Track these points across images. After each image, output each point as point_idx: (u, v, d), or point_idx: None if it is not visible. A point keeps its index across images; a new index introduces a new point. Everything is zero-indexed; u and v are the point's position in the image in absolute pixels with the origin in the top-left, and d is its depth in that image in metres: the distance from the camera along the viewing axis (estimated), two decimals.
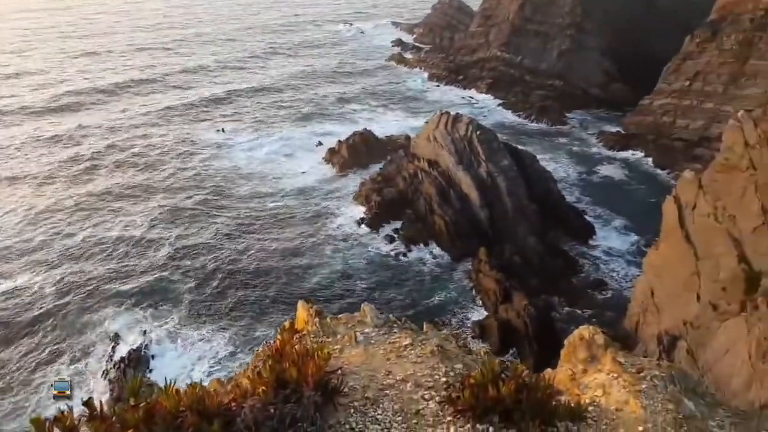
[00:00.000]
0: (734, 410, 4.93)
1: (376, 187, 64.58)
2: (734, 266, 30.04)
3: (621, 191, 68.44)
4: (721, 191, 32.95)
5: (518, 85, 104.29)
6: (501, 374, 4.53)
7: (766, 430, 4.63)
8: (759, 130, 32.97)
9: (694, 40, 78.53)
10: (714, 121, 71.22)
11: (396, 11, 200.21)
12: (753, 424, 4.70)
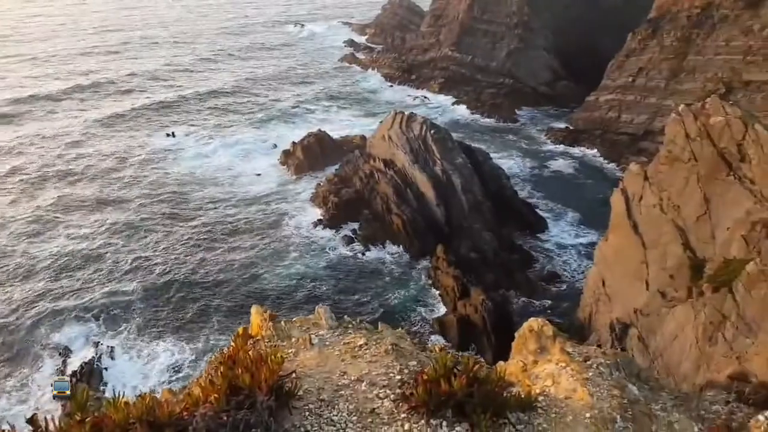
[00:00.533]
0: (676, 393, 5.15)
1: (332, 188, 64.36)
2: (680, 254, 31.30)
3: (571, 185, 70.34)
4: (665, 182, 34.27)
5: (470, 83, 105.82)
6: (453, 369, 4.59)
7: (704, 410, 4.86)
8: (699, 123, 34.43)
9: (636, 37, 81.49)
10: (657, 115, 74.04)
11: (346, 12, 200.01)
12: (693, 405, 4.91)
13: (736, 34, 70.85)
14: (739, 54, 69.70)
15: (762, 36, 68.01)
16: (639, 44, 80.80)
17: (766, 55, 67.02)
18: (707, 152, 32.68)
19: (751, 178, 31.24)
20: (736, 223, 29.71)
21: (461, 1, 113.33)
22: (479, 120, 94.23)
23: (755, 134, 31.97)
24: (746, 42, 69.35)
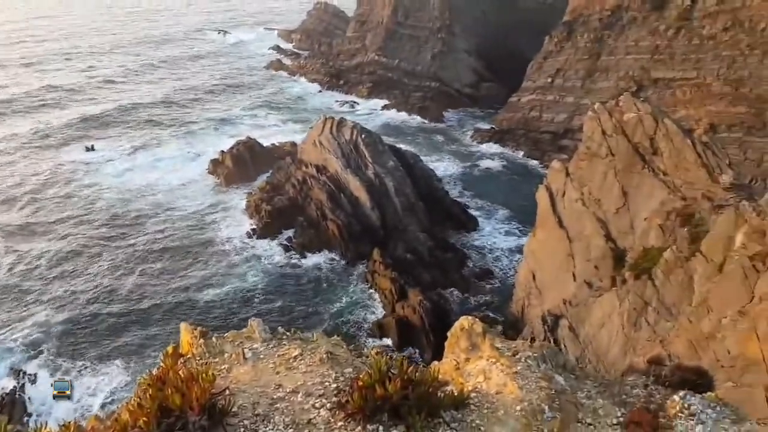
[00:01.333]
0: (600, 380, 5.42)
1: (265, 197, 63.30)
2: (602, 245, 32.91)
3: (499, 184, 72.50)
4: (585, 178, 35.96)
5: (397, 87, 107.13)
6: (388, 373, 4.63)
7: (626, 394, 5.14)
8: (613, 120, 36.38)
9: (552, 40, 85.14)
10: (575, 114, 77.63)
11: (270, 18, 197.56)
12: (615, 390, 5.19)
13: (644, 35, 75.45)
14: (647, 53, 74.22)
15: (667, 36, 72.75)
16: (555, 46, 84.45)
17: (672, 54, 71.73)
18: (623, 147, 34.57)
19: (663, 170, 33.31)
20: (652, 213, 31.58)
21: (385, 7, 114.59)
22: (408, 123, 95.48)
23: (665, 128, 34.13)
24: (653, 42, 73.96)
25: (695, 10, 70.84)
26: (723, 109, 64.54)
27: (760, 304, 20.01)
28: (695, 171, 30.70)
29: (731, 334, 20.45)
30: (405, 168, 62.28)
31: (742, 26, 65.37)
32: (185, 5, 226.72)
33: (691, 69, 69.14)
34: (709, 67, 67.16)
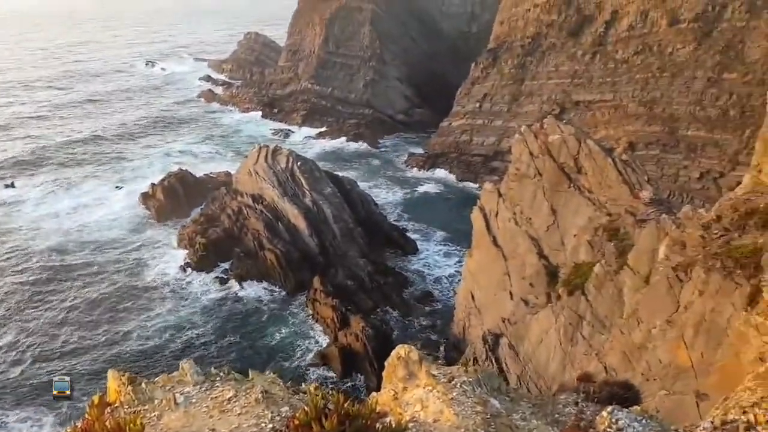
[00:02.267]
0: (534, 400, 5.53)
1: (199, 229, 61.54)
2: (536, 263, 33.93)
3: (436, 207, 73.74)
4: (516, 198, 37.13)
5: (331, 115, 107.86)
6: (325, 409, 4.53)
7: (558, 413, 5.26)
8: (539, 142, 37.90)
9: (479, 66, 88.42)
10: (504, 137, 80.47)
11: (200, 48, 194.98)
12: (548, 410, 5.30)
13: (563, 60, 79.56)
14: (567, 77, 78.24)
15: (585, 61, 77.03)
16: (482, 72, 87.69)
17: (589, 78, 75.91)
18: (549, 167, 36.00)
19: (588, 187, 34.89)
20: (580, 230, 32.91)
21: (316, 37, 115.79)
22: (343, 149, 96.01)
23: (588, 148, 35.86)
24: (572, 66, 78.10)
25: (608, 36, 75.51)
26: (639, 129, 68.69)
27: (685, 313, 21.11)
28: (617, 188, 32.32)
29: (661, 343, 21.42)
30: (342, 194, 62.35)
31: (652, 50, 70.16)
32: (112, 37, 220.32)
33: (608, 91, 73.35)
34: (624, 89, 71.49)
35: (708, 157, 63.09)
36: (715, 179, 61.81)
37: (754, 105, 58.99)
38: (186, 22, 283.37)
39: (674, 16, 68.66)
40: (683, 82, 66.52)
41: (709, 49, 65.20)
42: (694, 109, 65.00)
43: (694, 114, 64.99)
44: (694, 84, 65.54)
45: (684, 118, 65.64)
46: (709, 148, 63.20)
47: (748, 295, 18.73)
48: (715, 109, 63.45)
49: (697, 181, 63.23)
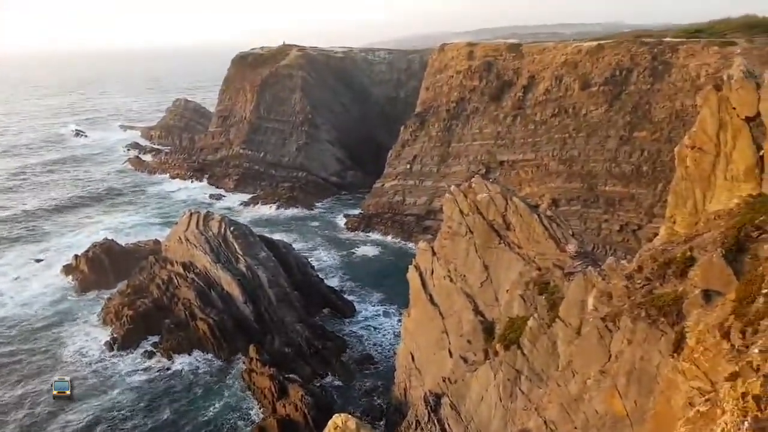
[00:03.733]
0: None
1: (126, 301, 58.42)
2: (472, 319, 34.23)
3: (373, 267, 73.75)
4: (450, 255, 37.76)
5: (264, 179, 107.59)
6: None
7: None
8: (469, 200, 39.09)
9: (408, 129, 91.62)
10: (435, 196, 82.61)
11: (127, 116, 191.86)
12: None
13: (486, 123, 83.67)
14: (491, 139, 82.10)
15: (506, 123, 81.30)
16: (411, 135, 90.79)
17: (512, 139, 79.94)
18: (479, 225, 37.04)
19: (517, 243, 36.04)
20: (513, 285, 33.68)
21: (247, 102, 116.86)
22: (278, 213, 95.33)
23: (514, 206, 37.28)
24: (495, 128, 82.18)
25: (527, 100, 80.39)
26: (561, 185, 72.41)
27: (617, 362, 21.72)
28: (545, 242, 33.55)
29: (596, 393, 21.84)
30: (278, 258, 61.34)
31: (568, 112, 75.09)
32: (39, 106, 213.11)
33: (530, 151, 77.36)
34: (545, 148, 75.65)
35: (626, 211, 67.00)
36: (634, 231, 65.50)
37: (664, 161, 63.71)
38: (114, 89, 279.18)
39: (586, 81, 74.22)
40: (598, 141, 71.23)
41: (620, 110, 70.54)
42: (609, 165, 69.41)
43: (610, 170, 69.33)
44: (608, 142, 70.28)
45: (601, 175, 69.85)
46: (626, 202, 67.22)
47: (673, 342, 19.55)
48: (628, 166, 68.00)
49: (617, 233, 66.76)
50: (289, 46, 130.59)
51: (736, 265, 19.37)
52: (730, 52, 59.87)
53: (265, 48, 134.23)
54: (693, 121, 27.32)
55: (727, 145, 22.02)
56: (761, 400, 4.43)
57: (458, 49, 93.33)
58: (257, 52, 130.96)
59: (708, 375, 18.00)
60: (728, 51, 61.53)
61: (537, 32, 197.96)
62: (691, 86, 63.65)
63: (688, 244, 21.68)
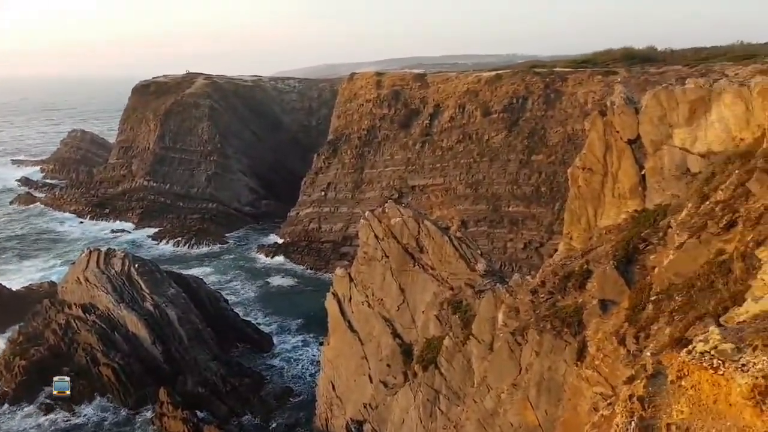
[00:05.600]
0: None
1: (17, 350, 53.53)
2: (391, 343, 34.56)
3: (290, 297, 72.56)
4: (367, 280, 38.06)
5: (172, 212, 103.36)
6: None
7: None
8: (383, 225, 39.74)
9: (321, 157, 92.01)
10: (350, 222, 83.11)
11: (18, 149, 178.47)
12: None
13: (396, 149, 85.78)
14: (402, 165, 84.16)
15: (415, 149, 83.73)
16: (324, 163, 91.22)
17: (421, 164, 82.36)
18: (394, 249, 37.71)
19: (431, 265, 36.99)
20: (428, 306, 34.43)
21: (150, 132, 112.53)
22: (188, 246, 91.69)
23: (426, 229, 38.33)
24: (405, 155, 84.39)
25: (434, 127, 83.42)
26: (468, 208, 75.34)
27: (527, 374, 22.73)
28: (456, 263, 34.69)
29: (510, 406, 22.68)
30: (189, 294, 58.86)
31: (471, 138, 78.62)
32: None
33: (439, 176, 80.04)
34: (452, 173, 78.57)
35: (528, 229, 70.77)
36: (537, 248, 69.15)
37: (559, 181, 68.04)
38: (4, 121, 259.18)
39: (486, 108, 78.25)
40: (500, 164, 75.03)
41: (518, 135, 74.84)
42: (511, 188, 73.24)
43: (512, 192, 73.13)
44: (509, 166, 74.20)
45: (504, 197, 73.52)
46: (528, 221, 71.04)
47: (576, 351, 20.78)
48: (528, 187, 72.07)
49: (522, 251, 70.20)
50: (194, 75, 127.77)
51: (627, 275, 21.00)
52: (612, 81, 65.46)
53: (169, 76, 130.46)
54: (583, 144, 29.54)
55: (613, 166, 24.02)
56: (644, 401, 4.94)
57: (367, 78, 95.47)
58: (160, 81, 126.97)
59: (609, 380, 19.27)
60: (611, 79, 67.27)
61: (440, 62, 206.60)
62: (580, 112, 68.84)
63: (584, 257, 23.30)
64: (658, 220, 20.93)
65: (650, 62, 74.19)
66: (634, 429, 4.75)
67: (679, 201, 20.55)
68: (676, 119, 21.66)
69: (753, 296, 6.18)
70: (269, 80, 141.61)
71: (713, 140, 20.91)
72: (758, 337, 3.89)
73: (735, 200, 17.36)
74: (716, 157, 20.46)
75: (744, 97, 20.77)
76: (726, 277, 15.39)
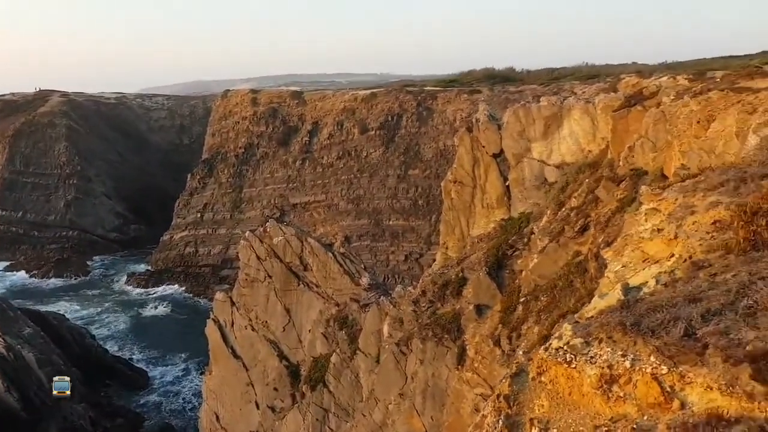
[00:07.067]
0: None
1: None
2: (278, 366, 33.73)
3: (166, 327, 68.31)
4: (250, 303, 36.92)
5: (25, 242, 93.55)
6: None
7: None
8: (265, 245, 38.86)
9: (195, 177, 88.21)
10: (230, 244, 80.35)
11: None
12: None
13: (276, 167, 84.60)
14: (283, 183, 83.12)
15: (296, 167, 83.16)
16: (199, 183, 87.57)
17: (303, 182, 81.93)
18: (277, 269, 37.00)
19: (315, 282, 36.74)
20: (314, 324, 34.12)
21: None
22: (47, 280, 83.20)
23: (310, 246, 38.07)
24: (286, 172, 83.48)
25: (313, 144, 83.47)
26: (351, 223, 76.12)
27: (412, 383, 23.26)
28: (340, 279, 34.79)
29: (398, 417, 23.04)
30: (48, 332, 53.29)
31: (351, 155, 79.68)
32: None
33: (320, 193, 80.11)
34: (334, 189, 79.02)
35: (408, 242, 72.98)
36: (417, 259, 71.44)
37: (435, 194, 70.93)
38: None
39: (364, 126, 79.81)
40: (379, 180, 76.76)
41: (395, 151, 77.11)
42: (391, 202, 75.19)
43: (392, 206, 75.07)
44: (387, 181, 76.15)
45: (385, 211, 75.28)
46: (408, 234, 73.26)
47: (457, 356, 21.65)
48: (407, 201, 74.43)
49: (403, 262, 72.15)
50: (48, 92, 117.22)
51: (498, 280, 22.32)
52: (477, 99, 69.70)
53: (17, 94, 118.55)
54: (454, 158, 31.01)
55: (481, 178, 25.53)
56: (510, 399, 5.25)
57: (242, 95, 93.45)
58: (7, 99, 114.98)
59: (488, 381, 20.25)
60: (475, 98, 71.62)
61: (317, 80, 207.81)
62: (450, 128, 72.51)
63: (459, 266, 24.42)
64: (523, 227, 22.50)
65: (510, 82, 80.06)
66: (501, 427, 5.03)
67: (539, 209, 22.29)
68: (534, 134, 23.55)
69: (600, 293, 6.84)
70: (135, 97, 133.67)
71: (566, 152, 22.97)
72: (603, 330, 4.31)
73: (587, 206, 19.15)
74: (569, 168, 22.50)
75: (590, 113, 23.10)
76: (583, 276, 16.88)
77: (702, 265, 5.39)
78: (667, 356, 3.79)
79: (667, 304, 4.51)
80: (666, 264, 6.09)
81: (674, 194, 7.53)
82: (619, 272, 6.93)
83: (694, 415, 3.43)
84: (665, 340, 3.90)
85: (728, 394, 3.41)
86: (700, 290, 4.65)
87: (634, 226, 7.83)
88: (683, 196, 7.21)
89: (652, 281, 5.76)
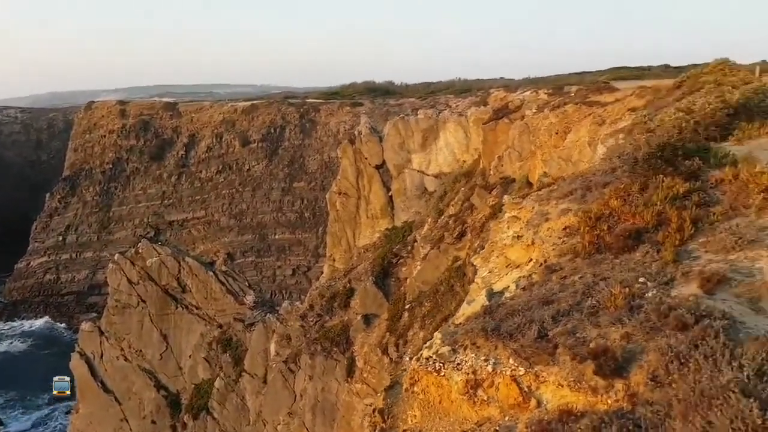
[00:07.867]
0: None
1: None
2: (155, 397, 31.55)
3: (23, 365, 61.39)
4: (122, 331, 34.29)
5: None
6: None
7: None
8: (137, 268, 36.36)
9: (55, 197, 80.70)
10: (98, 268, 74.28)
11: None
12: None
13: (150, 183, 79.69)
14: (157, 199, 78.42)
15: (171, 182, 78.88)
16: (60, 203, 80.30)
17: (179, 198, 77.86)
18: (152, 292, 34.76)
19: (196, 304, 34.96)
20: (195, 349, 32.40)
21: None
22: None
23: (188, 266, 36.20)
24: (160, 188, 78.88)
25: (190, 158, 79.75)
26: (234, 239, 73.58)
27: (302, 400, 22.80)
28: (223, 299, 33.43)
29: None
30: None
31: (232, 168, 77.17)
32: None
33: (200, 209, 76.65)
34: (214, 205, 75.99)
35: (295, 255, 72.00)
36: (305, 273, 70.65)
37: (321, 206, 70.71)
38: None
39: (245, 138, 77.70)
40: (263, 193, 75.09)
41: (279, 163, 75.89)
42: (276, 215, 73.80)
43: (277, 220, 73.70)
44: (272, 194, 74.70)
45: (270, 225, 73.70)
46: (294, 247, 72.26)
47: (346, 368, 21.57)
48: (293, 214, 73.47)
49: (291, 277, 71.03)
50: None
51: (384, 288, 22.61)
52: (359, 111, 70.72)
53: None
54: (338, 170, 31.09)
55: (365, 189, 25.81)
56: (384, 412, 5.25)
57: (109, 107, 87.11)
58: None
59: (377, 390, 20.36)
60: (358, 110, 72.63)
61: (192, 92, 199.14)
62: (334, 140, 72.79)
63: (347, 277, 24.46)
64: (406, 236, 23.05)
65: (389, 95, 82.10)
66: None
67: (421, 217, 22.96)
68: (413, 145, 24.28)
69: (468, 299, 7.09)
70: None
71: (443, 163, 23.91)
72: (467, 337, 4.42)
73: (463, 213, 20.00)
74: (446, 177, 23.44)
75: (463, 125, 24.25)
76: (462, 280, 17.54)
77: (555, 268, 5.77)
78: (523, 358, 3.97)
79: (524, 307, 4.75)
80: (525, 269, 6.45)
81: (531, 203, 8.05)
82: (485, 278, 7.23)
83: (548, 413, 3.61)
84: (522, 343, 4.08)
85: (576, 390, 3.63)
86: (552, 293, 4.95)
87: (499, 233, 8.25)
88: (539, 204, 7.72)
89: (512, 286, 6.06)
